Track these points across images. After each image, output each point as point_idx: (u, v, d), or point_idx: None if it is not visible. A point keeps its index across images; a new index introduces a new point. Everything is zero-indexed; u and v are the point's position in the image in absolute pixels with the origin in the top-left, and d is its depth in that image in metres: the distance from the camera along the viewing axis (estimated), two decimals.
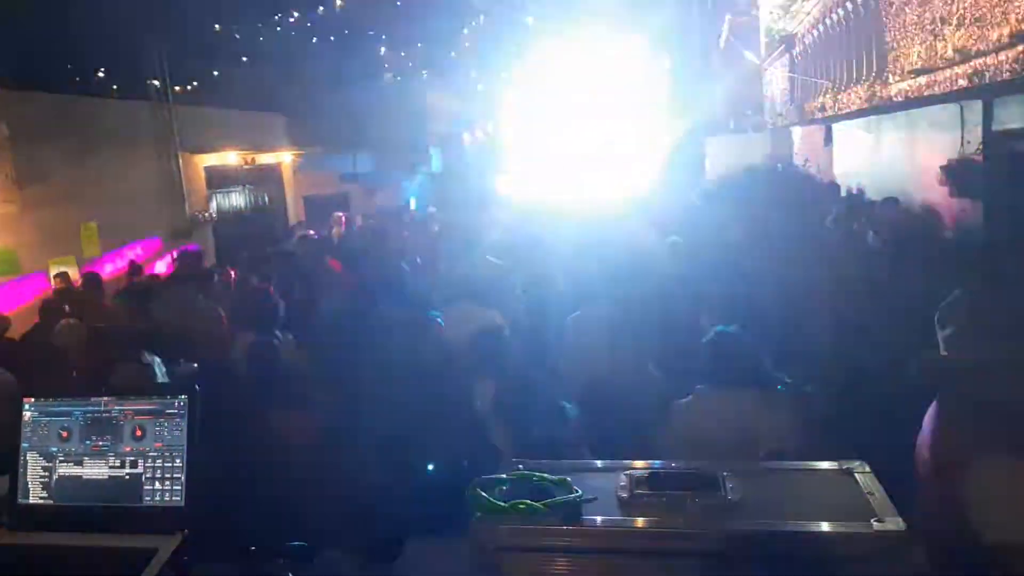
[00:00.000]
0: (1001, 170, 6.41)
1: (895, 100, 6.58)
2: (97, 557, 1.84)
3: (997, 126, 6.49)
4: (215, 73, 19.37)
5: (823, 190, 10.02)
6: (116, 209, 11.84)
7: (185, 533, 1.85)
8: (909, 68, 6.01)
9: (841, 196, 9.96)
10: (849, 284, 5.08)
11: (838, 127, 11.59)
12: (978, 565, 2.20)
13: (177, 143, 13.57)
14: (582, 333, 4.87)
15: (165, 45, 13.93)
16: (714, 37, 17.58)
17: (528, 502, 1.63)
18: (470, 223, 11.69)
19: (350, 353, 4.49)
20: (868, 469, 1.71)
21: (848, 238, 7.55)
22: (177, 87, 15.41)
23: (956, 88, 5.29)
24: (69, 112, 11.46)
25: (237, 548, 2.03)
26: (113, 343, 4.94)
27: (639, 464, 1.82)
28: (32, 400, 2.05)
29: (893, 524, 1.49)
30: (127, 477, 1.95)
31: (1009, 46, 4.44)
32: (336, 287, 7.03)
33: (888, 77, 6.60)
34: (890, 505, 1.57)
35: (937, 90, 5.60)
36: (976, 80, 4.93)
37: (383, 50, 23.21)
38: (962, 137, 6.98)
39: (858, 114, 8.61)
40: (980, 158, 6.64)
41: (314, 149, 17.70)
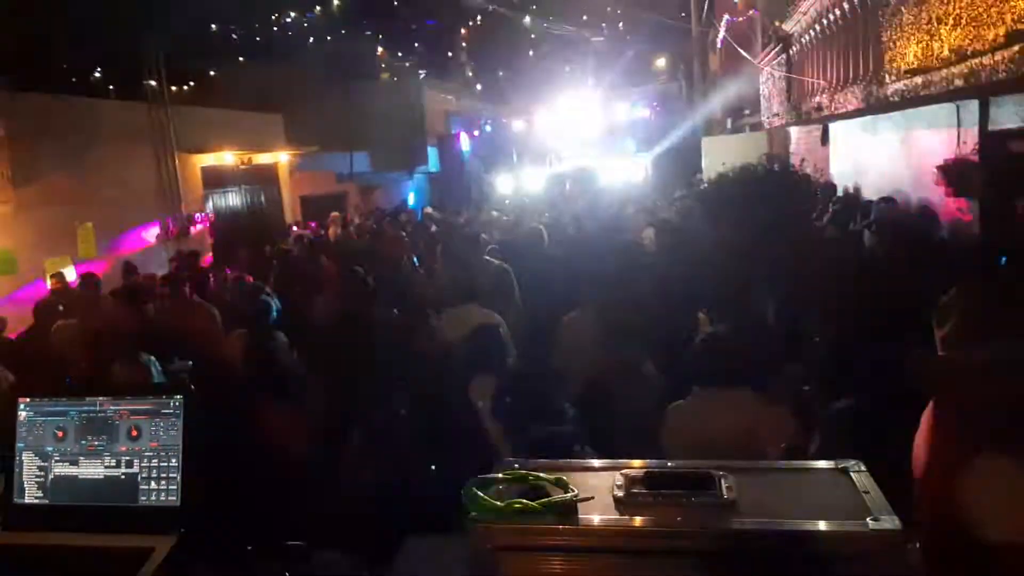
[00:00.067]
0: (997, 169, 6.42)
1: (891, 100, 6.59)
2: (93, 557, 1.84)
3: (993, 126, 6.50)
4: (212, 73, 19.38)
5: (820, 189, 10.03)
6: (112, 209, 11.83)
7: (181, 533, 1.85)
8: (905, 68, 6.01)
9: (838, 195, 9.98)
10: (846, 283, 5.09)
11: (835, 127, 11.60)
12: (976, 565, 2.19)
13: (174, 143, 13.55)
14: (577, 334, 4.86)
15: (162, 45, 13.92)
16: (712, 38, 17.61)
17: (524, 501, 1.62)
18: (469, 223, 11.70)
19: (346, 353, 4.49)
20: (864, 468, 1.71)
21: (845, 237, 7.57)
22: (174, 87, 15.41)
23: (952, 88, 5.30)
24: (65, 112, 11.44)
25: (233, 548, 2.03)
26: (109, 343, 4.93)
27: (635, 464, 1.82)
28: (28, 400, 2.04)
29: (889, 523, 1.49)
30: (123, 477, 1.95)
31: (1005, 46, 4.45)
32: (332, 287, 7.03)
33: (884, 77, 6.61)
34: (886, 504, 1.57)
35: (933, 90, 5.61)
36: (972, 80, 4.94)
37: (380, 50, 23.21)
38: (958, 137, 6.99)
39: (855, 114, 8.62)
40: (976, 158, 6.65)
41: (311, 149, 17.69)
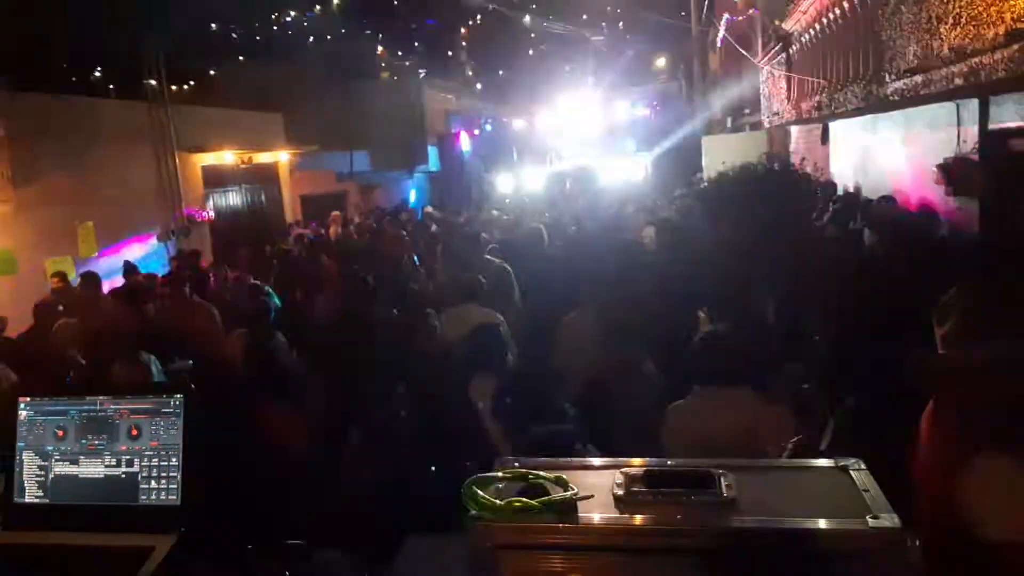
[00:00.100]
0: (997, 168, 6.41)
1: (891, 99, 6.58)
2: (93, 556, 1.84)
3: (993, 124, 6.50)
4: (212, 73, 19.38)
5: (820, 188, 10.03)
6: (113, 209, 11.83)
7: (181, 532, 1.85)
8: (905, 67, 6.01)
9: (838, 195, 9.98)
10: (846, 282, 5.08)
11: (835, 126, 11.60)
12: (975, 563, 2.20)
13: (174, 142, 13.54)
14: (577, 333, 4.86)
15: (162, 45, 13.91)
16: (712, 37, 17.60)
17: (523, 500, 1.62)
18: (469, 223, 11.70)
19: (346, 353, 4.49)
20: (863, 466, 1.71)
21: (845, 236, 7.56)
22: (174, 86, 15.41)
23: (952, 87, 5.29)
24: (65, 112, 11.43)
25: (233, 547, 2.03)
26: (110, 343, 4.93)
27: (635, 462, 1.82)
28: (28, 399, 2.04)
29: (889, 521, 1.49)
30: (123, 476, 1.95)
31: (1005, 45, 4.44)
32: (332, 287, 7.03)
33: (884, 76, 6.60)
34: (886, 502, 1.57)
35: (933, 89, 5.60)
36: (972, 79, 4.93)
37: (380, 49, 23.21)
38: (958, 135, 6.99)
39: (855, 113, 8.62)
40: (976, 156, 6.65)
41: (311, 148, 17.68)
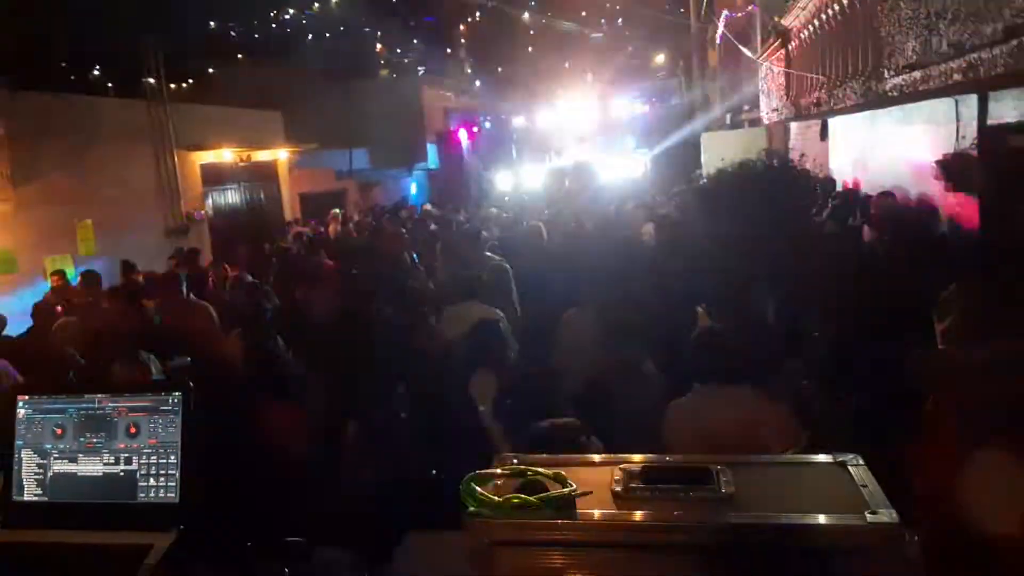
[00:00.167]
0: (996, 164, 6.41)
1: (890, 95, 6.59)
2: (92, 554, 1.84)
3: (992, 120, 6.49)
4: (211, 71, 19.36)
5: (819, 185, 10.02)
6: (112, 207, 11.83)
7: (180, 530, 1.85)
8: (904, 63, 6.01)
9: (837, 191, 9.98)
10: (845, 280, 5.08)
11: (834, 122, 11.60)
12: (975, 563, 2.20)
13: (173, 141, 13.55)
14: (577, 332, 4.86)
15: (161, 43, 13.91)
16: (711, 33, 17.59)
17: (522, 496, 1.62)
18: (469, 221, 11.69)
19: (345, 352, 4.49)
20: (862, 462, 1.72)
21: (844, 233, 7.56)
22: (173, 85, 15.39)
23: (951, 82, 5.30)
24: (65, 111, 11.43)
25: (233, 545, 2.03)
26: (109, 342, 4.93)
27: (634, 458, 1.82)
28: (26, 397, 2.04)
29: (887, 516, 1.50)
30: (121, 474, 1.94)
31: (1003, 40, 4.44)
32: (331, 285, 7.01)
33: (883, 72, 6.60)
34: (884, 497, 1.57)
35: (932, 84, 5.61)
36: (971, 74, 4.93)
37: (379, 47, 23.19)
38: (957, 131, 6.99)
39: (854, 109, 8.62)
40: (975, 152, 6.65)
41: (310, 146, 17.68)
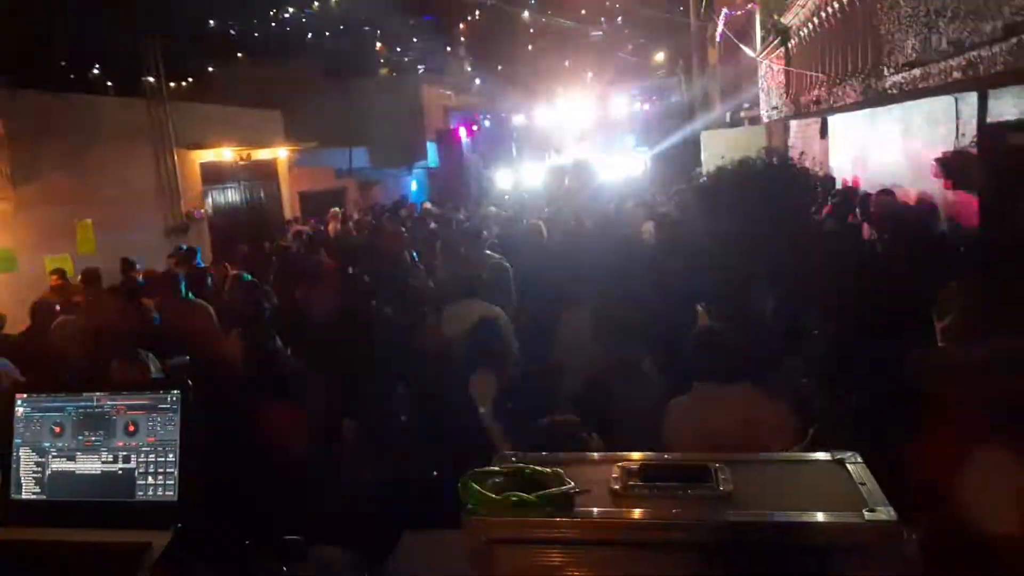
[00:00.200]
0: (996, 162, 6.41)
1: (890, 93, 6.58)
2: (90, 552, 1.83)
3: (992, 118, 6.49)
4: (210, 69, 19.34)
5: (819, 183, 10.03)
6: (111, 206, 11.83)
7: (178, 528, 1.85)
8: (904, 61, 6.00)
9: (837, 188, 9.98)
10: (845, 278, 5.08)
11: (833, 120, 11.59)
12: (975, 562, 2.20)
13: (172, 140, 13.54)
14: (577, 331, 4.85)
15: (160, 42, 13.90)
16: (711, 31, 17.58)
17: (520, 494, 1.62)
18: (469, 219, 11.69)
19: (345, 351, 4.49)
20: (860, 459, 1.71)
21: (844, 230, 7.56)
22: (172, 84, 15.38)
23: (950, 80, 5.29)
24: (65, 110, 11.43)
25: (231, 543, 2.03)
26: (109, 340, 4.93)
27: (632, 456, 1.82)
28: (25, 395, 2.04)
29: (885, 514, 1.50)
30: (120, 472, 1.94)
31: (1003, 38, 4.44)
32: (331, 284, 7.01)
33: (883, 70, 6.59)
34: (882, 495, 1.57)
35: (931, 82, 5.60)
36: (970, 72, 4.93)
37: (378, 46, 23.17)
38: (957, 129, 6.99)
39: (853, 107, 8.61)
40: (975, 150, 6.64)
41: (310, 145, 17.67)
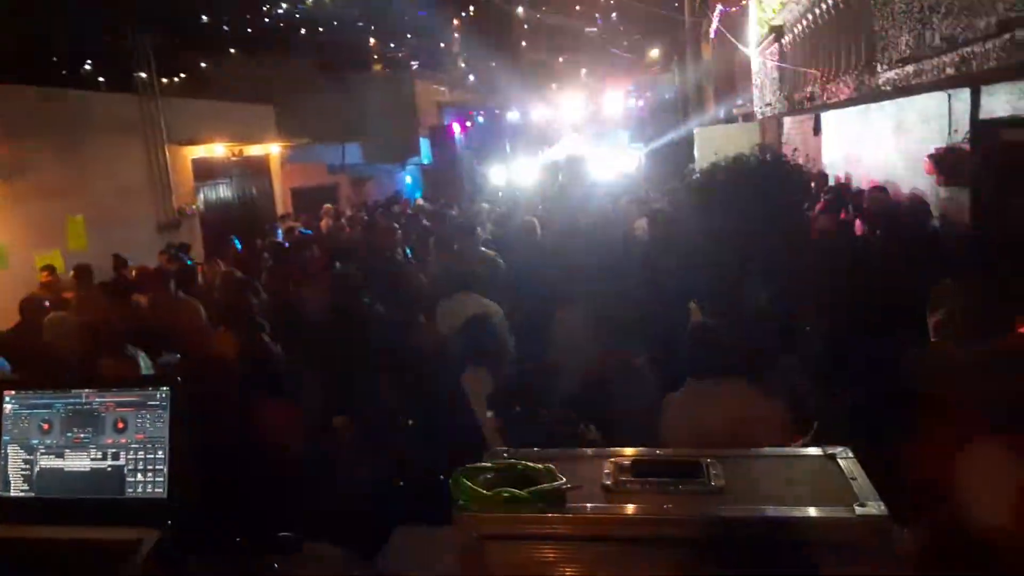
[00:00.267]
0: (989, 158, 6.42)
1: (883, 89, 6.58)
2: (80, 549, 1.83)
3: (984, 115, 6.50)
4: (202, 65, 19.25)
5: (813, 180, 10.04)
6: (103, 202, 11.78)
7: (168, 525, 1.84)
8: (897, 57, 6.01)
9: (830, 185, 10.00)
10: (838, 273, 5.09)
11: (827, 116, 11.60)
12: (972, 561, 2.20)
13: (164, 135, 13.48)
14: (571, 329, 4.85)
15: (152, 37, 13.83)
16: (705, 28, 17.58)
17: (512, 490, 1.62)
18: (463, 216, 11.67)
19: (339, 348, 4.48)
20: (851, 455, 1.72)
21: (836, 227, 7.57)
22: (164, 79, 15.30)
23: (944, 76, 5.29)
24: (55, 105, 11.36)
25: (223, 540, 2.02)
26: (99, 337, 4.91)
27: (625, 452, 1.82)
28: (13, 392, 2.03)
29: (875, 509, 1.50)
30: (109, 469, 1.93)
31: (996, 34, 4.44)
32: (324, 281, 6.99)
33: (876, 66, 6.60)
34: (872, 490, 1.57)
35: (925, 79, 5.60)
36: (963, 68, 4.93)
37: (372, 41, 23.08)
38: (950, 126, 7.00)
39: (847, 103, 8.62)
40: (968, 146, 6.66)
41: (302, 140, 17.60)
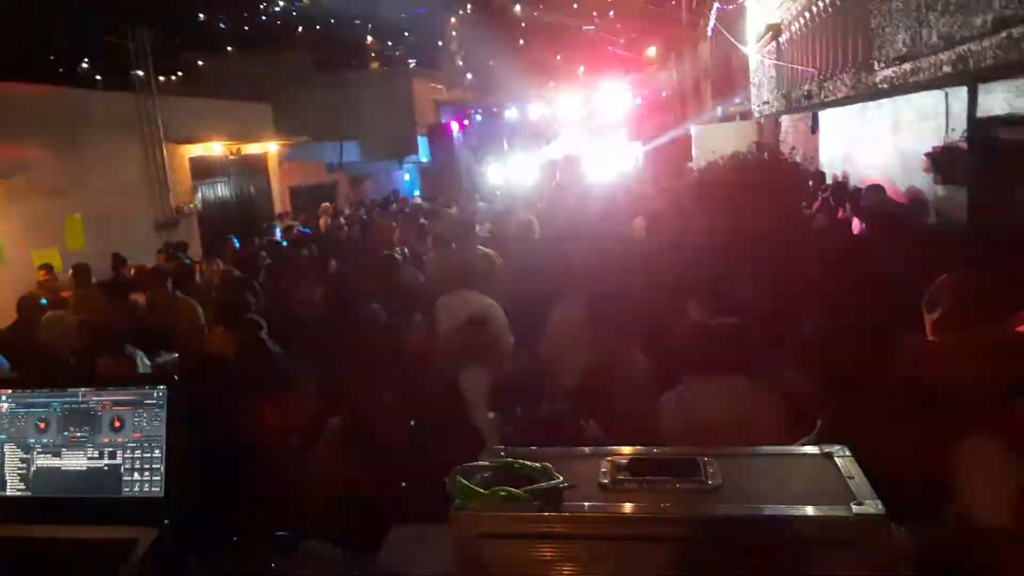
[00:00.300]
0: (986, 156, 6.43)
1: (880, 87, 6.59)
2: (76, 549, 1.83)
3: (982, 112, 6.50)
4: (200, 63, 19.24)
5: (811, 179, 10.05)
6: (101, 201, 11.77)
7: (165, 524, 1.84)
8: (894, 55, 6.01)
9: (827, 183, 10.00)
10: (835, 270, 5.09)
11: (824, 115, 11.60)
12: (962, 551, 2.20)
13: (161, 134, 13.47)
14: (568, 324, 4.85)
15: (149, 35, 13.81)
16: (702, 26, 17.58)
17: (508, 489, 1.61)
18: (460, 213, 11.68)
19: (336, 346, 4.48)
20: (848, 453, 1.71)
21: (834, 225, 7.58)
22: (161, 77, 15.30)
23: (940, 74, 5.30)
24: (53, 103, 11.35)
25: (220, 539, 2.02)
26: (97, 336, 4.91)
27: (622, 450, 1.82)
28: (9, 391, 2.02)
29: (872, 507, 1.49)
30: (106, 468, 1.93)
31: (993, 32, 4.45)
32: (322, 279, 7.00)
33: (874, 64, 6.60)
34: (870, 488, 1.57)
35: (922, 77, 5.61)
36: (960, 66, 4.94)
37: (369, 40, 23.09)
38: (947, 124, 7.00)
39: (844, 101, 8.62)
40: (965, 145, 6.66)
41: (300, 139, 17.59)
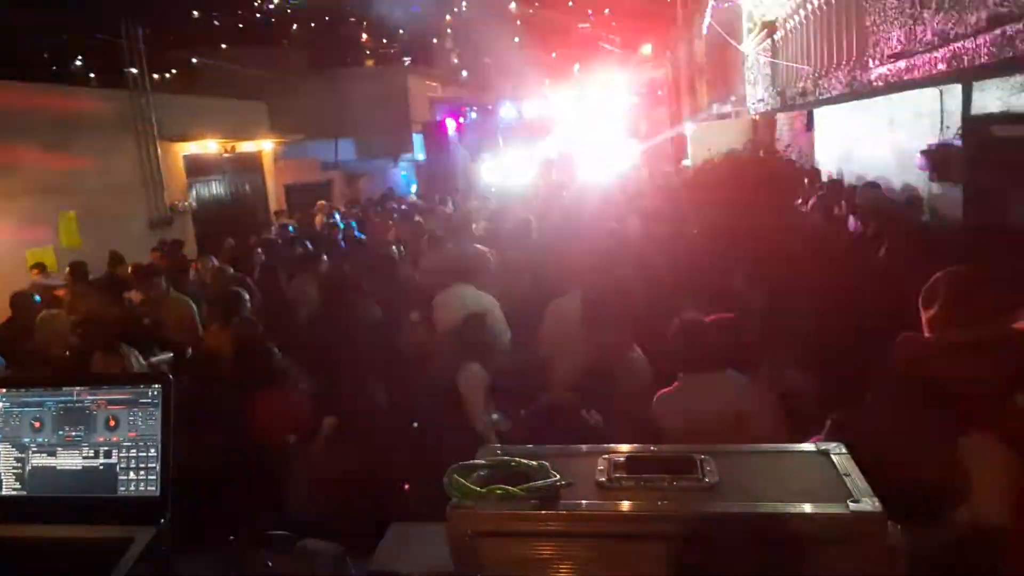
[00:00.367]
0: (980, 154, 6.45)
1: (875, 85, 6.59)
2: (72, 548, 1.82)
3: (976, 110, 6.52)
4: (194, 61, 19.20)
5: (804, 175, 10.07)
6: (95, 199, 11.73)
7: (161, 523, 1.83)
8: (889, 52, 6.02)
9: (822, 181, 10.02)
10: (830, 267, 5.10)
11: (819, 113, 11.62)
12: (957, 546, 2.21)
13: (155, 131, 13.42)
14: (564, 321, 4.85)
15: (143, 33, 13.77)
16: (698, 24, 17.59)
17: (505, 487, 1.62)
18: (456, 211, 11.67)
19: (333, 344, 4.47)
20: (844, 450, 1.72)
21: (829, 222, 7.60)
22: (155, 75, 15.25)
23: (935, 72, 5.31)
24: (46, 101, 11.31)
25: (216, 538, 2.02)
26: (92, 334, 4.90)
27: (618, 448, 1.82)
28: (4, 390, 2.01)
29: (869, 505, 1.50)
30: (101, 467, 1.92)
31: (987, 29, 4.45)
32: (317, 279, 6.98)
33: (868, 61, 6.61)
34: (866, 486, 1.57)
35: (916, 74, 5.62)
36: (955, 64, 4.95)
37: (364, 37, 23.08)
38: (941, 122, 7.02)
39: (839, 99, 8.63)
40: (959, 142, 6.68)
41: (295, 137, 17.57)
